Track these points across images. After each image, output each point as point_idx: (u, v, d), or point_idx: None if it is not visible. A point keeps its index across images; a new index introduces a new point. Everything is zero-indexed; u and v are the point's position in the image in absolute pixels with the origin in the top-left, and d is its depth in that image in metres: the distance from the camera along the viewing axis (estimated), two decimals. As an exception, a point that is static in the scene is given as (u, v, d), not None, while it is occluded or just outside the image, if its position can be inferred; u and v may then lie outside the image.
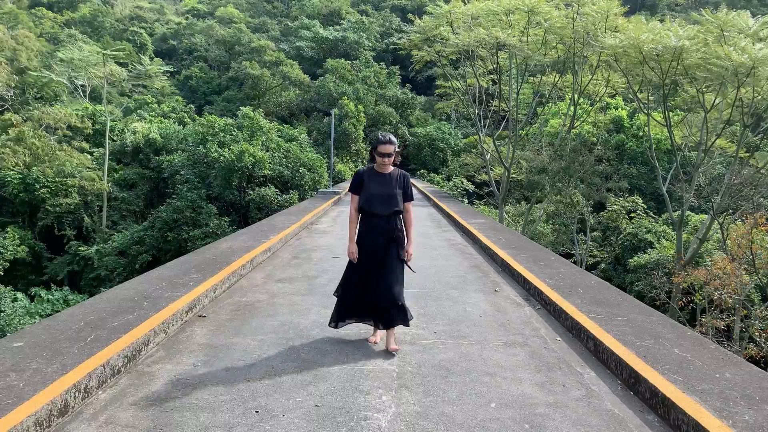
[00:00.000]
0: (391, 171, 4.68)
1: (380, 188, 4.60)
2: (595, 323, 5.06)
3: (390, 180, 4.63)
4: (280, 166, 30.32)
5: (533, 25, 23.78)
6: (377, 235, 4.61)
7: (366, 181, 4.64)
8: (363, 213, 4.69)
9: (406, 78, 62.17)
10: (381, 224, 4.61)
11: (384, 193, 4.59)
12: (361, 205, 4.64)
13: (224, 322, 5.40)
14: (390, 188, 4.61)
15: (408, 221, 4.75)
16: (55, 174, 31.98)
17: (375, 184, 4.61)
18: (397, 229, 4.65)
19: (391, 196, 4.59)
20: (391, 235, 4.61)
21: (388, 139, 4.57)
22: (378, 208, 4.59)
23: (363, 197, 4.63)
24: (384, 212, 4.59)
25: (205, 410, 3.47)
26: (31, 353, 3.93)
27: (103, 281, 28.11)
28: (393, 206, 4.60)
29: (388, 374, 4.12)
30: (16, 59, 48.04)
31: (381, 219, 4.60)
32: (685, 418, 3.27)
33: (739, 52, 17.70)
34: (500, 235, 11.52)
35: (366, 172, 4.71)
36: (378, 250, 4.61)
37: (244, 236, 10.29)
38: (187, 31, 74.68)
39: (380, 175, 4.65)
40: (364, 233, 4.66)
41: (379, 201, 4.57)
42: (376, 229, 4.62)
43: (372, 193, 4.59)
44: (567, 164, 24.79)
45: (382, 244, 4.61)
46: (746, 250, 16.48)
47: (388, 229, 4.61)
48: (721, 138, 24.37)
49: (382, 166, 4.63)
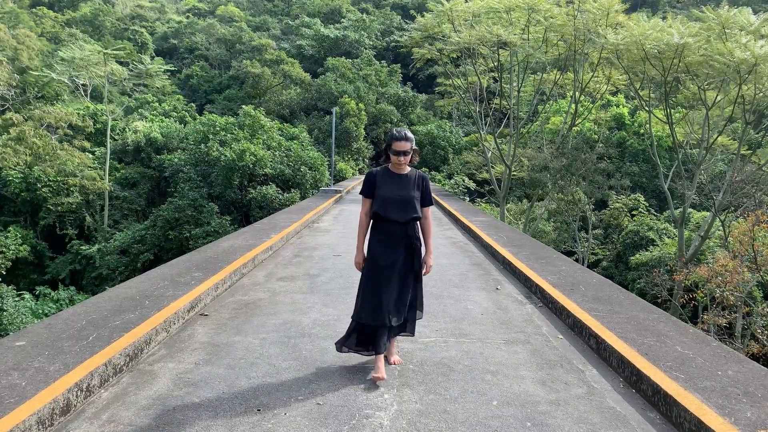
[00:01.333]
0: (408, 172, 4.22)
1: (396, 191, 4.11)
2: (597, 321, 5.05)
3: (407, 182, 4.16)
4: (282, 165, 30.32)
5: (534, 23, 23.74)
6: (393, 244, 4.12)
7: (379, 183, 4.15)
8: (376, 219, 4.19)
9: (407, 76, 62.10)
10: (397, 232, 4.11)
11: (400, 196, 4.10)
12: (375, 210, 4.14)
13: (226, 320, 5.40)
14: (407, 191, 4.13)
15: (427, 229, 4.28)
16: (57, 173, 32.02)
17: (390, 187, 4.12)
18: (416, 237, 4.18)
19: (408, 201, 4.11)
20: (409, 245, 4.13)
21: (403, 135, 4.07)
22: (394, 213, 4.09)
23: (377, 201, 4.13)
24: (401, 218, 4.09)
25: (207, 408, 3.48)
26: (33, 352, 3.94)
27: (105, 280, 28.14)
28: (411, 212, 4.12)
29: (389, 372, 4.12)
30: (17, 59, 48.06)
31: (397, 226, 4.11)
32: (688, 415, 3.26)
33: (742, 48, 17.66)
34: (501, 233, 11.52)
35: (379, 172, 4.21)
36: (395, 262, 4.10)
37: (245, 235, 10.29)
38: (188, 29, 74.66)
39: (395, 176, 4.17)
40: (378, 242, 4.14)
41: (395, 206, 4.09)
42: (391, 238, 4.12)
43: (387, 196, 4.10)
44: (569, 162, 24.77)
45: (400, 254, 4.12)
46: (748, 248, 16.45)
47: (406, 237, 4.13)
48: (723, 135, 24.33)
49: (397, 166, 4.15)
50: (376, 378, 3.95)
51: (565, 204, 28.39)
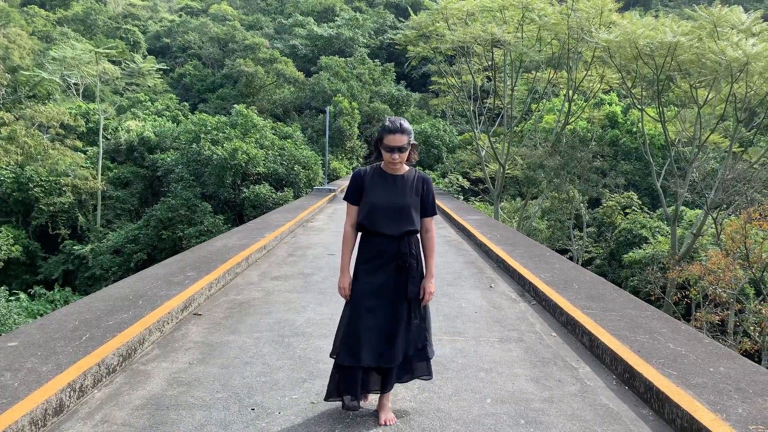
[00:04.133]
0: (405, 172, 3.34)
1: (388, 197, 3.26)
2: (590, 318, 5.08)
3: (402, 185, 3.29)
4: (275, 164, 30.26)
5: (528, 22, 23.81)
6: (382, 265, 3.27)
7: (368, 186, 3.30)
8: (364, 232, 3.33)
9: (401, 75, 62.08)
10: (388, 249, 3.25)
11: (394, 204, 3.25)
12: (362, 221, 3.29)
13: (220, 320, 5.39)
14: (402, 197, 3.27)
15: (428, 245, 3.39)
16: (49, 173, 31.82)
17: (381, 191, 3.27)
18: (410, 255, 3.28)
19: (403, 209, 3.25)
20: (401, 265, 3.27)
21: (398, 126, 3.19)
22: (384, 225, 3.24)
23: (363, 210, 3.29)
24: (393, 232, 3.24)
25: (201, 408, 3.47)
26: (26, 352, 3.92)
27: (98, 280, 28.01)
28: (406, 224, 3.25)
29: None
30: (8, 57, 47.69)
31: (388, 241, 3.25)
32: (680, 411, 3.29)
33: (734, 47, 17.77)
34: (495, 231, 11.55)
35: (369, 173, 3.35)
36: (382, 288, 3.26)
37: (239, 234, 10.27)
38: (181, 28, 74.32)
39: (389, 177, 3.31)
40: (363, 262, 3.30)
41: (387, 216, 3.24)
42: (380, 257, 3.27)
43: (376, 203, 3.25)
44: (565, 161, 24.86)
45: (390, 278, 3.27)
46: (740, 245, 16.58)
47: (398, 255, 3.26)
48: (715, 133, 24.49)
49: (391, 165, 3.28)
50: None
51: (559, 202, 28.48)
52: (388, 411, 3.37)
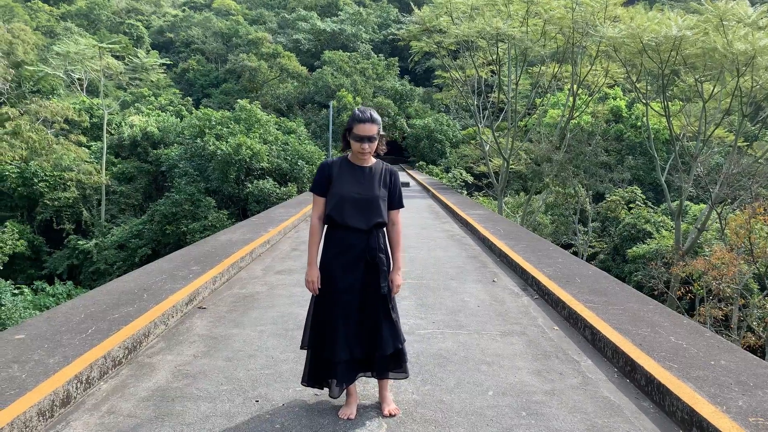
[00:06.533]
0: (373, 164, 3.32)
1: (356, 188, 3.22)
2: (592, 312, 5.09)
3: (370, 177, 3.26)
4: (279, 159, 30.31)
5: (532, 16, 23.70)
6: (353, 260, 3.22)
7: (336, 177, 3.25)
8: (331, 225, 3.28)
9: (405, 69, 61.96)
10: (358, 242, 3.21)
11: (362, 195, 3.21)
12: (329, 213, 3.24)
13: (224, 313, 5.43)
14: (370, 189, 3.24)
15: (395, 238, 3.35)
16: (53, 168, 31.96)
17: (348, 183, 3.23)
18: (380, 250, 3.27)
19: (371, 201, 3.22)
20: (371, 261, 3.24)
21: (368, 116, 3.18)
22: (354, 218, 3.20)
23: (331, 201, 3.24)
24: (362, 225, 3.20)
25: (206, 400, 3.51)
26: (33, 345, 3.96)
27: (103, 275, 28.16)
28: (375, 216, 3.23)
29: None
30: (13, 53, 47.78)
31: (358, 235, 3.21)
32: (680, 404, 3.31)
33: (743, 40, 17.67)
34: (498, 225, 11.55)
35: (336, 163, 3.31)
36: (354, 284, 3.23)
37: (243, 229, 10.32)
38: (184, 23, 74.31)
39: (357, 169, 3.27)
40: (333, 256, 3.25)
41: (356, 208, 3.20)
42: (350, 250, 3.22)
43: (344, 195, 3.20)
44: (573, 155, 24.80)
45: (360, 273, 3.23)
46: (745, 240, 16.53)
47: (368, 250, 3.23)
48: (720, 128, 24.38)
49: (359, 155, 3.25)
50: (345, 415, 3.30)
51: (563, 197, 28.41)
52: (391, 402, 3.41)
